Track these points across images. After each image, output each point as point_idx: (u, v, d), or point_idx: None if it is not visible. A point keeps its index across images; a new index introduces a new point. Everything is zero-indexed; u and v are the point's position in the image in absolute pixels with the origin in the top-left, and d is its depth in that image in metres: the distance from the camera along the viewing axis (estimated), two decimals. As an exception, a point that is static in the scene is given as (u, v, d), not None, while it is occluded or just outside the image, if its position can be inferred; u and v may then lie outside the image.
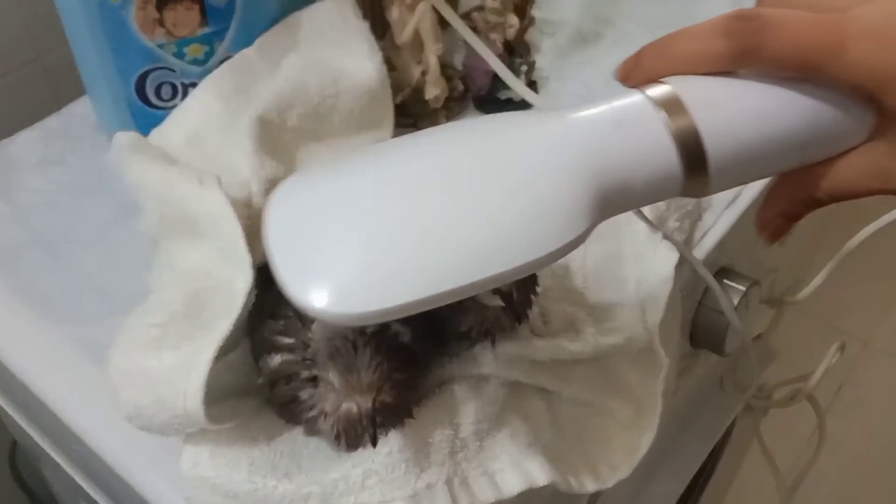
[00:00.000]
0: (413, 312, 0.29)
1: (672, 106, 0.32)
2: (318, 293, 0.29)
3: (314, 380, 0.39)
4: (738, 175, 0.34)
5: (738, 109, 0.32)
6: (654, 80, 0.33)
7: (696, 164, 0.32)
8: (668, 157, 0.32)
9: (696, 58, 0.32)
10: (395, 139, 0.35)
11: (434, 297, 0.29)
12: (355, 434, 0.39)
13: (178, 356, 0.42)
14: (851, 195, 0.35)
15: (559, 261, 0.49)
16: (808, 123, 0.33)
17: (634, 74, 0.34)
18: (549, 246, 0.30)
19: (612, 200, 0.32)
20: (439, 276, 0.29)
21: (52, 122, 0.67)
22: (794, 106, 0.32)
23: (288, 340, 0.40)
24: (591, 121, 0.32)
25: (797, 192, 0.35)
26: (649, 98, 0.32)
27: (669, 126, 0.31)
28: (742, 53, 0.32)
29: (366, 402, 0.38)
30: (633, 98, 0.32)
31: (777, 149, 0.33)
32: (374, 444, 0.39)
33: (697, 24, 0.33)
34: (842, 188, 0.34)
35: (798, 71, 0.32)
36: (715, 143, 0.32)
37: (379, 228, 0.30)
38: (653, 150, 0.32)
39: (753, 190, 0.60)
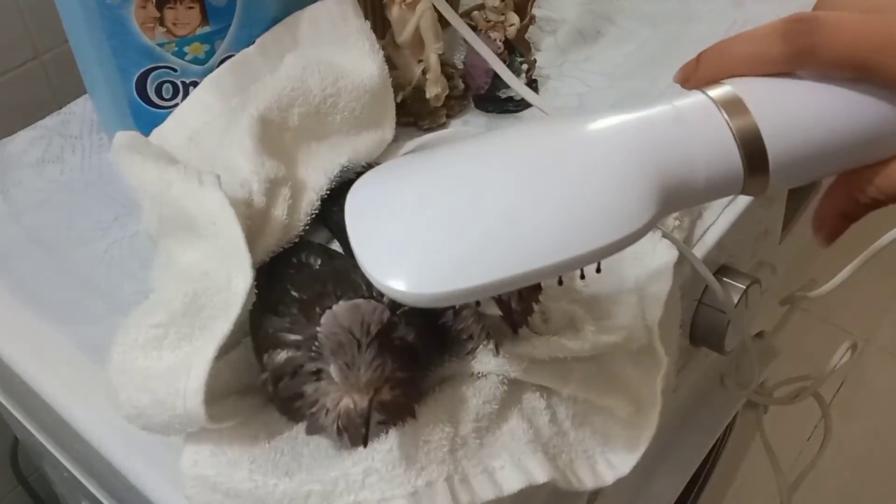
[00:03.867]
0: (483, 296, 0.32)
1: (733, 105, 0.33)
2: (398, 278, 0.31)
3: (318, 373, 0.39)
4: (797, 174, 0.34)
5: (797, 110, 0.33)
6: (713, 82, 0.34)
7: (756, 163, 0.33)
8: (729, 154, 0.32)
9: (754, 60, 0.33)
10: (465, 140, 0.37)
11: (502, 280, 0.31)
12: (356, 431, 0.39)
13: (177, 356, 0.43)
14: None
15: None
16: (864, 122, 0.33)
17: (694, 77, 0.35)
18: (613, 234, 0.31)
19: (675, 194, 0.33)
20: (509, 262, 0.31)
21: (52, 121, 0.67)
22: (851, 105, 0.33)
23: (294, 337, 0.40)
24: (654, 117, 0.34)
25: (855, 191, 0.35)
26: (710, 98, 0.33)
27: (731, 124, 0.32)
28: (798, 54, 0.32)
29: (363, 400, 0.38)
30: (696, 98, 0.34)
31: (835, 148, 0.33)
32: (366, 443, 0.39)
33: (755, 27, 0.34)
34: None
35: (852, 70, 0.32)
36: (775, 142, 0.32)
37: (452, 218, 0.32)
38: (715, 147, 0.32)
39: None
